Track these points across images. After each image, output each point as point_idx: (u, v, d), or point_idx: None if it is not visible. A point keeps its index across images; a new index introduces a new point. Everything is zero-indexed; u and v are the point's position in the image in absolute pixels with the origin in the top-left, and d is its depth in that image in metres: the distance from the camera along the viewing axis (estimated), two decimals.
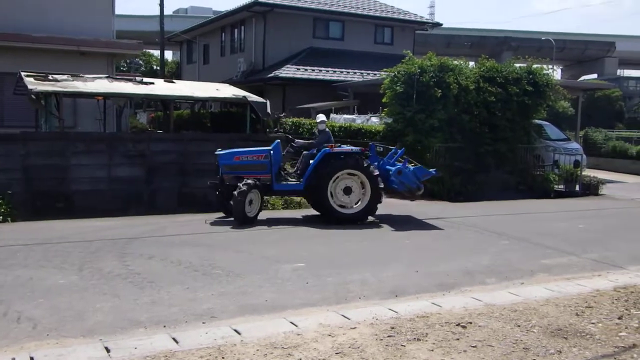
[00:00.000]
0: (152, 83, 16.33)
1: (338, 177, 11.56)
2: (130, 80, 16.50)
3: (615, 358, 4.86)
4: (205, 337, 5.15)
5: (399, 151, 12.47)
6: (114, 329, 5.36)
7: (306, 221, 11.94)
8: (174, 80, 19.40)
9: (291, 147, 12.63)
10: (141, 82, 16.11)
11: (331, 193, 11.56)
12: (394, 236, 10.57)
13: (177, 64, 44.16)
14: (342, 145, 12.09)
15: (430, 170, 12.16)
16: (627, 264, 8.62)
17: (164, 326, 5.47)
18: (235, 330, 5.34)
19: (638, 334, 5.46)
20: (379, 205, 11.85)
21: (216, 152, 11.89)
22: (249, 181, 11.13)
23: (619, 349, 5.07)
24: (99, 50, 18.21)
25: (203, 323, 5.59)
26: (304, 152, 12.23)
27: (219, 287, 6.86)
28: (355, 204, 11.65)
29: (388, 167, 12.04)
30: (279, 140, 12.37)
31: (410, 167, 12.05)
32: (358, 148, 12.16)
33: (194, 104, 21.89)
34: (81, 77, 15.09)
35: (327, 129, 12.71)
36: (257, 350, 4.87)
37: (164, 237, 9.95)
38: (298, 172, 12.18)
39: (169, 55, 57.42)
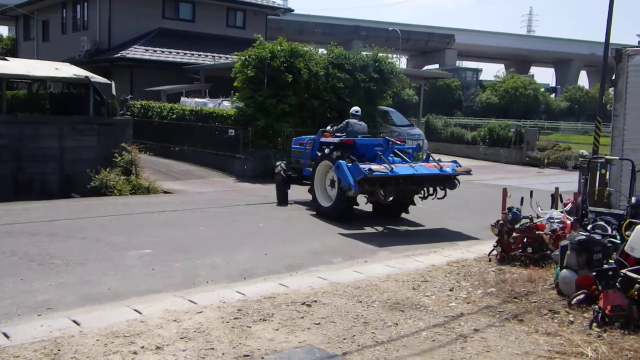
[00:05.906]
0: None
1: (324, 168, 10.92)
2: None
3: (445, 327, 5.26)
4: (40, 330, 4.86)
5: (400, 145, 11.55)
6: None
7: (156, 205, 11.62)
8: (7, 58, 17.91)
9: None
10: None
11: (322, 184, 10.99)
12: (249, 220, 10.58)
13: (13, 41, 40.61)
14: (363, 138, 11.20)
15: (364, 168, 9.53)
16: (458, 240, 9.32)
17: None
18: (74, 321, 5.10)
19: (466, 303, 5.95)
20: None
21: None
22: (281, 164, 12.32)
23: (448, 318, 5.50)
24: None
25: (38, 315, 5.28)
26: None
27: (58, 277, 6.50)
28: None
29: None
30: (321, 130, 12.00)
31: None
32: (377, 139, 11.37)
33: (32, 84, 20.32)
34: None
35: (353, 122, 11.70)
36: (97, 340, 4.69)
37: None
38: None
39: (4, 31, 52.88)
